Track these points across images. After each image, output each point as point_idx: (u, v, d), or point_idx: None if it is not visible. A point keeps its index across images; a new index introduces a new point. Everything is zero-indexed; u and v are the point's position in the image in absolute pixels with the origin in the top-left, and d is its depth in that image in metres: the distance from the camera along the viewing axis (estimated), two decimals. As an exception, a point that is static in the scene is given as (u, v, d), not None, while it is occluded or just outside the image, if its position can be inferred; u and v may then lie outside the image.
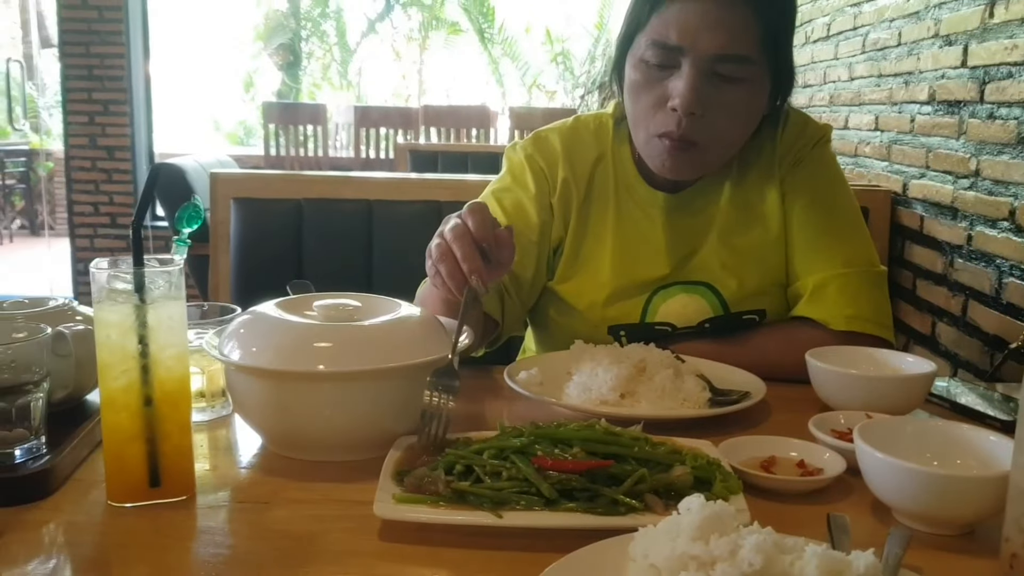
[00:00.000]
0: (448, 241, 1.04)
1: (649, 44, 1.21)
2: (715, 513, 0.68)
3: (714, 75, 1.19)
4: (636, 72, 1.24)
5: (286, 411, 0.94)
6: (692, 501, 0.69)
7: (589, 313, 1.34)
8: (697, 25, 1.17)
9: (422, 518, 0.79)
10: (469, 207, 1.07)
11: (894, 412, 1.05)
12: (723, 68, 1.19)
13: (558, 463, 0.82)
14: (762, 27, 1.19)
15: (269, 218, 1.95)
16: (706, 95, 1.19)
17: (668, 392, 1.10)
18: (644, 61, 1.22)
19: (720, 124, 1.22)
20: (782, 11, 1.24)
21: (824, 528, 0.78)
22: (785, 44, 1.26)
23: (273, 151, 5.97)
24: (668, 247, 1.33)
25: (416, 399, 0.96)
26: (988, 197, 1.68)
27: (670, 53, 1.19)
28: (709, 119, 1.20)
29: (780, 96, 1.29)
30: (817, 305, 1.28)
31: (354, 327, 0.98)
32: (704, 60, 1.18)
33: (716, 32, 1.17)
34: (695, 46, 1.18)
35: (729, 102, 1.21)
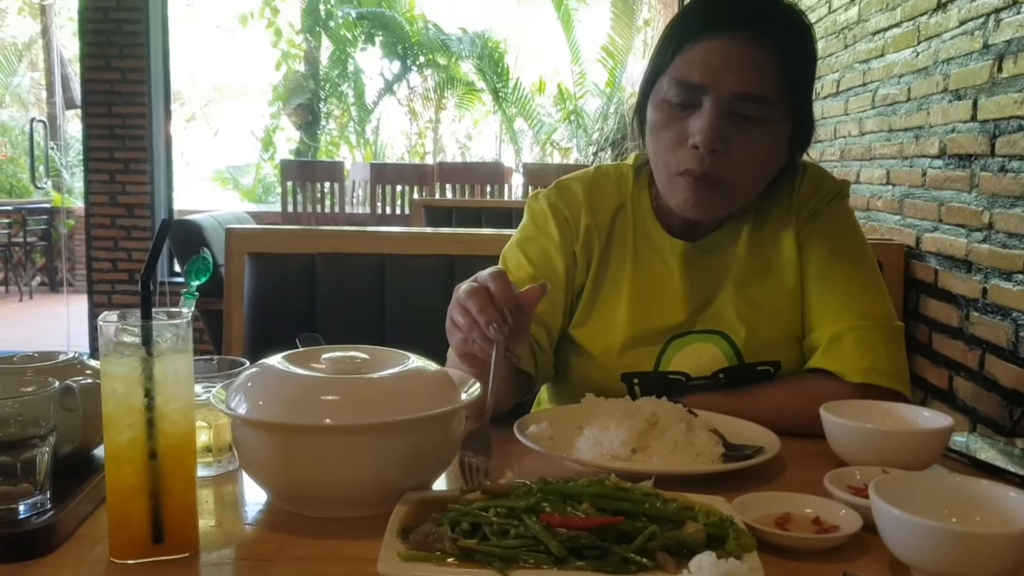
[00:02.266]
0: (463, 301, 1.04)
1: (672, 84, 1.23)
2: (728, 572, 0.66)
3: (735, 115, 1.21)
4: (658, 112, 1.26)
5: (292, 465, 0.93)
6: (704, 559, 0.68)
7: (603, 359, 1.33)
8: (719, 65, 1.20)
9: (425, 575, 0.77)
10: (490, 273, 1.07)
11: (911, 467, 1.03)
12: (744, 108, 1.21)
13: (567, 520, 0.81)
14: (784, 70, 1.22)
15: (283, 273, 1.96)
16: (727, 133, 1.21)
17: (680, 447, 1.09)
18: (667, 101, 1.24)
19: (740, 163, 1.23)
20: (803, 57, 1.27)
21: None
22: (805, 90, 1.29)
23: (291, 208, 6.03)
24: (685, 295, 1.33)
25: (424, 453, 0.95)
26: (1002, 250, 1.67)
27: (692, 92, 1.21)
28: (730, 158, 1.22)
29: (799, 145, 1.30)
30: (833, 356, 1.27)
31: (362, 380, 0.97)
32: (725, 99, 1.20)
33: (738, 72, 1.20)
34: (717, 85, 1.20)
35: (749, 142, 1.22)
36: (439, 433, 0.97)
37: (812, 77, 1.31)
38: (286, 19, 11.23)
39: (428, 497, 0.92)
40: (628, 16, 9.74)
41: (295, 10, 11.32)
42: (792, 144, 1.29)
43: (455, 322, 1.08)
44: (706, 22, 1.23)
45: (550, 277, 1.33)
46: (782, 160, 1.29)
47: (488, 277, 1.07)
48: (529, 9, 11.48)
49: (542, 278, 1.30)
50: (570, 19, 10.21)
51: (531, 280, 1.29)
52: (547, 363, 1.35)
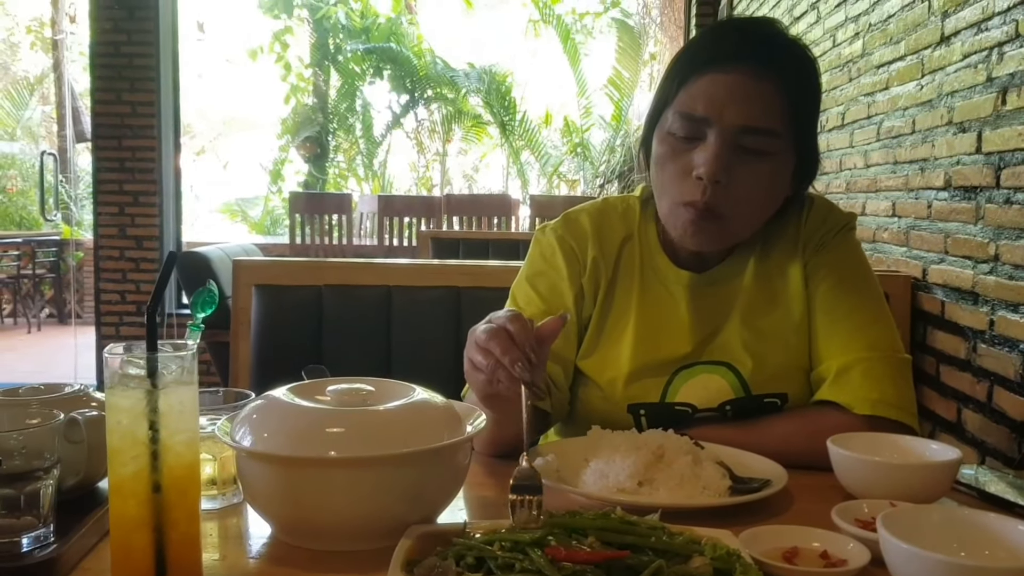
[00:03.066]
0: (484, 343, 1.04)
1: (676, 116, 1.24)
2: (733, 606, 0.65)
3: (739, 147, 1.22)
4: (663, 145, 1.27)
5: (297, 498, 0.92)
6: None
7: (609, 390, 1.33)
8: (724, 97, 1.21)
9: (431, 610, 0.76)
10: (506, 315, 1.07)
11: (919, 501, 1.02)
12: (748, 141, 1.21)
13: (572, 553, 0.80)
14: (788, 104, 1.23)
15: (290, 304, 1.96)
16: (731, 165, 1.21)
17: (687, 480, 1.08)
18: (671, 134, 1.25)
19: (744, 196, 1.23)
20: (808, 90, 1.28)
21: None
22: (809, 124, 1.29)
23: (299, 240, 6.05)
24: (691, 326, 1.33)
25: (429, 485, 0.95)
26: (1009, 282, 1.67)
27: (697, 125, 1.22)
28: (733, 190, 1.22)
29: (804, 178, 1.31)
30: (840, 388, 1.27)
31: (367, 412, 0.97)
32: (730, 131, 1.21)
33: (742, 105, 1.21)
34: (721, 117, 1.21)
35: (753, 174, 1.23)
36: (445, 465, 0.97)
37: (817, 111, 1.32)
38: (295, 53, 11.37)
39: (433, 531, 0.92)
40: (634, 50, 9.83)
41: (304, 44, 11.46)
42: (797, 177, 1.29)
43: (476, 364, 1.06)
44: (711, 56, 1.24)
45: (560, 311, 1.32)
46: (786, 192, 1.30)
47: (505, 319, 1.06)
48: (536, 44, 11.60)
49: (553, 313, 1.30)
50: (576, 53, 10.31)
51: (543, 315, 1.29)
52: (563, 400, 1.35)
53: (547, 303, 1.36)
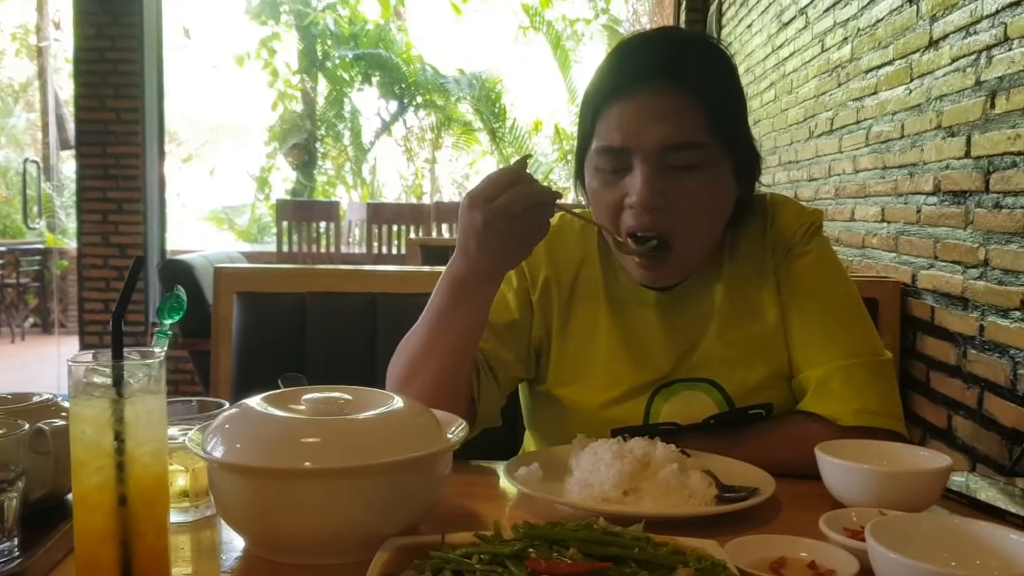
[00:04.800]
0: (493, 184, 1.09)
1: (598, 152, 1.22)
2: (717, 621, 0.63)
3: (667, 167, 1.19)
4: (594, 180, 1.24)
5: (270, 511, 0.90)
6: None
7: (589, 416, 1.30)
8: (637, 122, 1.18)
9: (406, 626, 0.74)
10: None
11: (909, 509, 1.00)
12: (674, 159, 1.18)
13: (553, 566, 0.78)
14: (704, 110, 1.19)
15: (272, 312, 1.92)
16: (663, 188, 1.18)
17: (673, 488, 1.05)
18: (599, 169, 1.23)
19: (687, 215, 1.20)
20: (723, 90, 1.24)
21: None
22: (734, 123, 1.25)
23: (286, 248, 6.02)
24: (666, 345, 1.30)
25: (407, 496, 0.92)
26: (999, 287, 1.65)
27: (619, 156, 1.20)
28: (675, 212, 1.19)
29: (747, 177, 1.27)
30: (822, 401, 1.24)
31: (343, 421, 0.95)
32: (653, 155, 1.18)
33: (658, 124, 1.17)
34: (640, 143, 1.18)
35: (690, 191, 1.20)
36: (423, 475, 0.94)
37: (741, 105, 1.27)
38: (283, 59, 11.33)
39: (410, 543, 0.89)
40: (623, 56, 9.79)
41: (292, 51, 11.42)
42: (739, 178, 1.26)
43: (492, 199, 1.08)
44: (617, 82, 1.21)
45: (501, 320, 1.31)
46: (732, 197, 1.26)
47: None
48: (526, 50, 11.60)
49: (493, 320, 1.28)
50: (567, 59, 10.31)
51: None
52: (492, 395, 1.30)
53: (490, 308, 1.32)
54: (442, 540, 0.88)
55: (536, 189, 1.08)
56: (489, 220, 1.08)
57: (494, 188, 1.08)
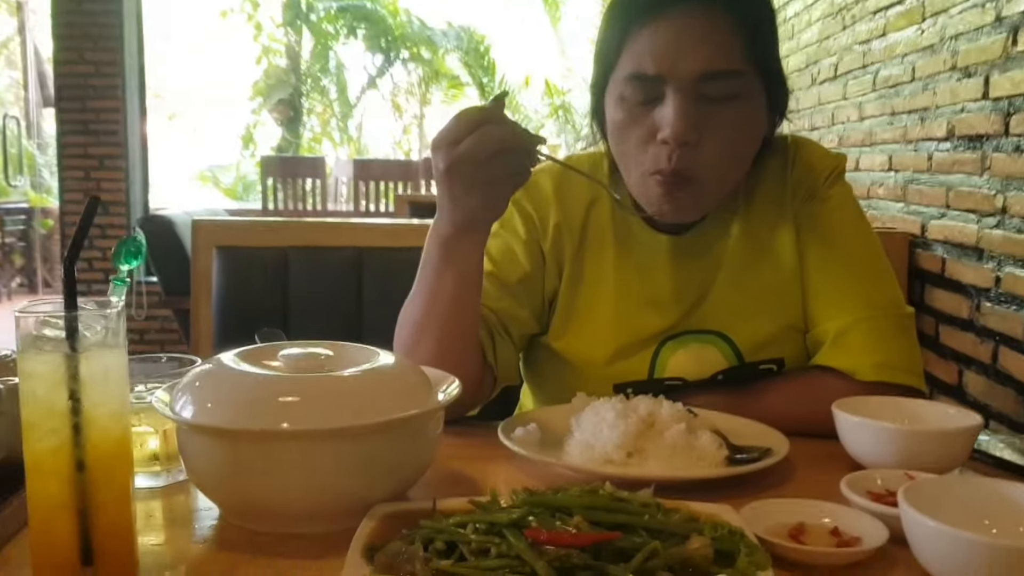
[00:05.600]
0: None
1: (626, 80, 1.11)
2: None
3: (702, 98, 1.09)
4: (618, 111, 1.14)
5: (245, 476, 0.82)
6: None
7: (590, 371, 1.22)
8: (674, 48, 1.08)
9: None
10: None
11: (936, 470, 0.93)
12: (711, 88, 1.09)
13: (556, 536, 0.70)
14: (744, 34, 1.09)
15: (254, 267, 1.85)
16: (698, 120, 1.08)
17: (680, 450, 0.98)
18: (624, 99, 1.13)
19: (718, 152, 1.11)
20: (761, 13, 1.14)
21: None
22: (771, 49, 1.16)
23: (271, 205, 5.90)
24: (675, 294, 1.22)
25: (395, 460, 0.85)
26: (1017, 235, 1.58)
27: (651, 85, 1.10)
28: (705, 148, 1.10)
29: (776, 111, 1.19)
30: (841, 353, 1.17)
31: (324, 379, 0.86)
32: (689, 83, 1.08)
33: (695, 51, 1.07)
34: (676, 71, 1.08)
35: (724, 124, 1.10)
36: (413, 438, 0.87)
37: (775, 31, 1.18)
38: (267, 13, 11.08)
39: (399, 510, 0.81)
40: (616, 8, 9.62)
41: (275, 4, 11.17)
42: (770, 111, 1.17)
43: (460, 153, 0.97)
44: (648, 3, 1.10)
45: (513, 276, 1.23)
46: (763, 133, 1.18)
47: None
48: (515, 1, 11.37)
49: (503, 276, 1.20)
50: (558, 10, 10.11)
51: (489, 279, 1.19)
52: (509, 356, 1.22)
53: (497, 266, 1.23)
54: (433, 507, 0.80)
55: (507, 132, 0.96)
56: (452, 166, 0.98)
57: (459, 130, 0.97)
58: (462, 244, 1.08)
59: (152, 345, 5.07)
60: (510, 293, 1.21)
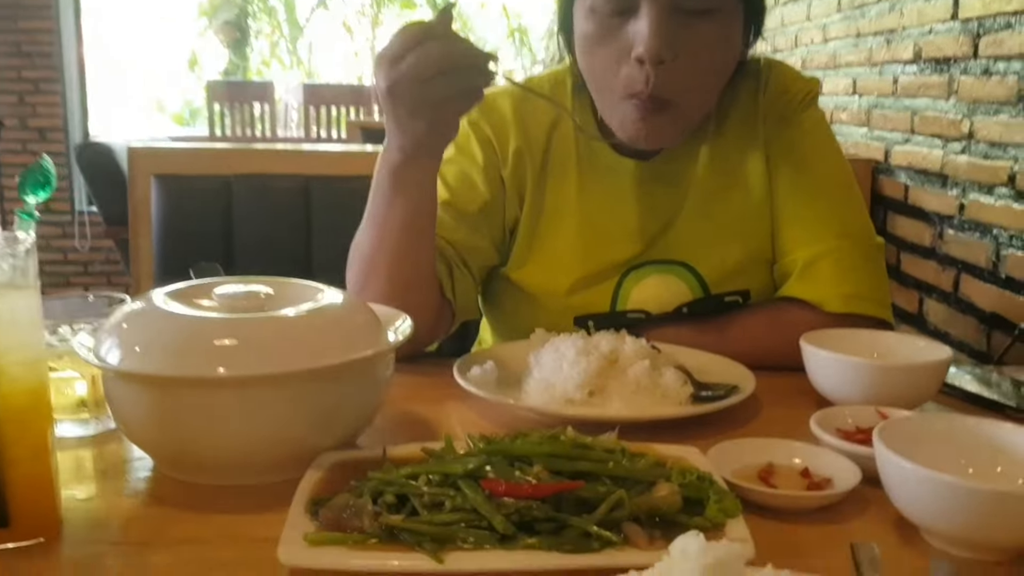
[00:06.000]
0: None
1: None
2: (719, 561, 0.51)
3: (679, 10, 1.01)
4: (589, 23, 1.06)
5: (178, 426, 0.76)
6: (689, 543, 0.53)
7: (550, 302, 1.17)
8: None
9: (339, 565, 0.61)
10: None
11: (905, 406, 0.90)
12: (688, 1, 1.01)
13: (514, 487, 0.65)
14: None
15: (195, 197, 1.76)
16: (674, 36, 1.01)
17: (644, 388, 0.94)
18: (595, 10, 1.04)
19: (695, 72, 1.04)
20: None
21: (838, 553, 0.65)
22: None
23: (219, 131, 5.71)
24: (640, 222, 1.16)
25: (342, 407, 0.79)
26: (984, 161, 1.54)
27: None
28: (682, 67, 1.03)
29: (754, 31, 1.12)
30: (809, 284, 1.13)
31: (264, 319, 0.80)
32: None
33: None
34: None
35: (702, 41, 1.03)
36: (361, 382, 0.81)
37: None
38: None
39: (346, 459, 0.76)
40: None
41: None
42: (746, 30, 1.11)
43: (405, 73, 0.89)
44: None
45: (471, 205, 1.16)
46: (738, 54, 1.11)
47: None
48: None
49: (459, 205, 1.13)
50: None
51: (446, 207, 1.13)
52: (468, 290, 1.16)
53: (453, 194, 1.16)
54: (383, 455, 0.75)
55: (453, 48, 0.89)
56: (394, 86, 0.90)
57: (401, 46, 0.89)
58: (412, 171, 1.01)
59: (98, 277, 4.92)
60: (468, 223, 1.15)
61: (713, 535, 0.65)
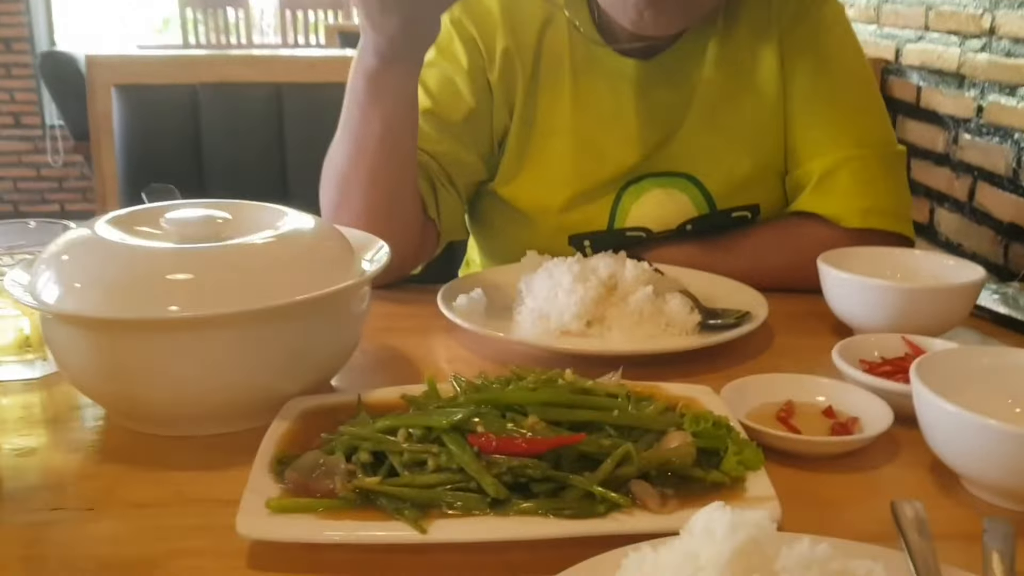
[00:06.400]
0: None
1: None
2: (752, 540, 0.43)
3: None
4: None
5: (126, 374, 0.67)
6: (714, 519, 0.45)
7: (543, 220, 1.08)
8: None
9: (306, 537, 0.53)
10: None
11: (934, 331, 0.83)
12: None
13: (506, 442, 0.57)
14: None
15: (159, 109, 1.64)
16: None
17: (647, 317, 0.86)
18: None
19: None
20: None
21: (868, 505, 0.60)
22: None
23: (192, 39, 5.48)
24: (640, 130, 1.06)
25: (312, 347, 0.71)
26: (1006, 60, 1.43)
27: None
28: None
29: None
30: (825, 197, 1.04)
31: (220, 250, 0.70)
32: None
33: None
34: None
35: None
36: (332, 319, 0.72)
37: None
38: None
39: (317, 406, 0.68)
40: None
41: None
42: None
43: None
44: None
45: (455, 114, 1.05)
46: None
47: None
48: None
49: (443, 113, 1.03)
50: None
51: (428, 115, 1.02)
52: (454, 208, 1.06)
53: (435, 101, 1.05)
54: (358, 402, 0.67)
55: None
56: None
57: None
58: (389, 77, 0.90)
59: (73, 194, 4.77)
60: (452, 134, 1.05)
61: (732, 491, 0.57)
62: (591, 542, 0.51)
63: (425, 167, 1.02)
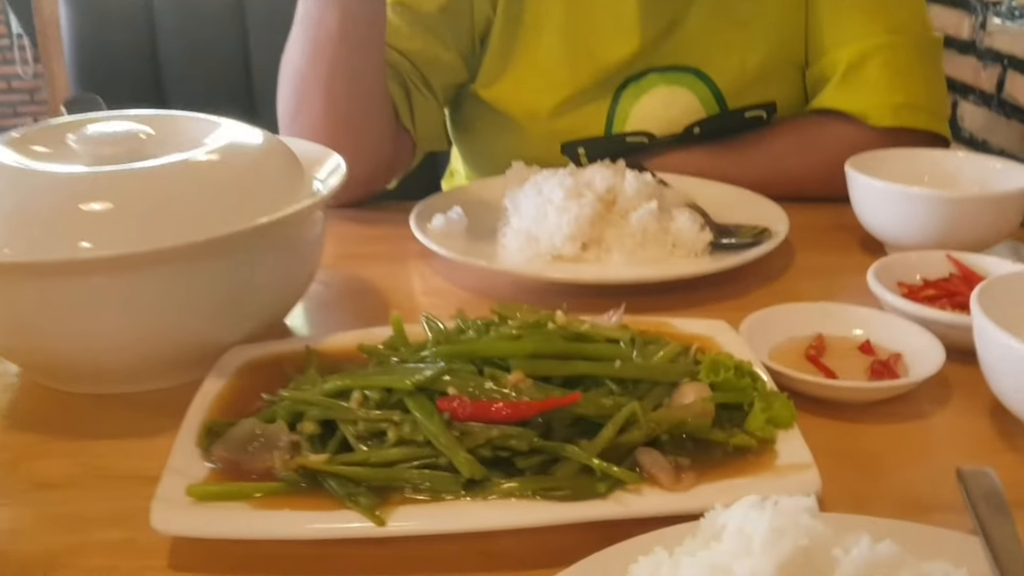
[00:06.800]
0: None
1: None
2: (801, 551, 0.33)
3: None
4: None
5: (33, 325, 0.56)
6: (749, 519, 0.34)
7: (532, 125, 0.96)
8: None
9: (234, 533, 0.43)
10: None
11: (977, 247, 0.72)
12: None
13: (484, 407, 0.46)
14: None
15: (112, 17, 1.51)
16: None
17: (651, 237, 0.75)
18: None
19: None
20: None
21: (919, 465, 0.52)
22: None
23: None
24: (641, 18, 0.93)
25: (255, 286, 0.60)
26: (1045, -67, 1.28)
27: None
28: None
29: None
30: (852, 91, 0.92)
31: (143, 172, 0.58)
32: None
33: None
34: None
35: None
36: (278, 252, 0.61)
37: None
38: None
39: (260, 357, 0.57)
40: None
41: None
42: None
43: None
44: None
45: (429, 4, 0.93)
46: None
47: None
48: None
49: (416, 5, 0.91)
50: None
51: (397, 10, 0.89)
52: (431, 115, 0.94)
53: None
54: (307, 352, 0.56)
55: None
56: None
57: None
58: None
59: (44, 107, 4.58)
60: (427, 28, 0.93)
61: (759, 458, 0.47)
62: (590, 528, 0.42)
63: (396, 67, 0.90)
